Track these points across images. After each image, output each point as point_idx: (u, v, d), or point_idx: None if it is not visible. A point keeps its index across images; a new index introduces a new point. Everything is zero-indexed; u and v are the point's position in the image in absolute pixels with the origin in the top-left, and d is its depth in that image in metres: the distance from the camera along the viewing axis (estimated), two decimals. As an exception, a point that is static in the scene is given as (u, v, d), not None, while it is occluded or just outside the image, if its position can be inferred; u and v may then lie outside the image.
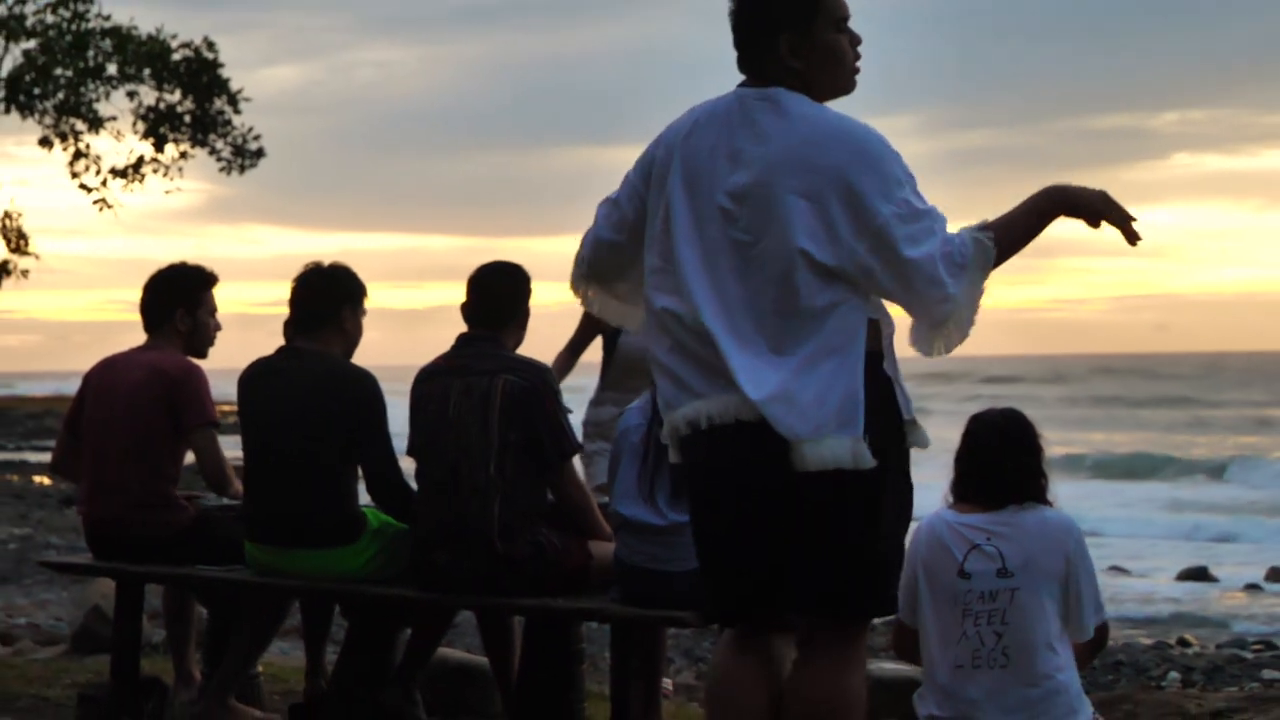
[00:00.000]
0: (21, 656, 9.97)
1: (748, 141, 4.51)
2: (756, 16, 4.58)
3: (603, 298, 4.82)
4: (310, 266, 6.96)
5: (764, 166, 4.48)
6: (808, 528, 4.52)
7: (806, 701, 4.48)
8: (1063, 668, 5.70)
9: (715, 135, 4.55)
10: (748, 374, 4.45)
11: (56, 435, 7.80)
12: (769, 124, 4.51)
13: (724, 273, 4.48)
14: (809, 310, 4.46)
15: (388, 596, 6.70)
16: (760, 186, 4.47)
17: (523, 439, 6.38)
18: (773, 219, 4.46)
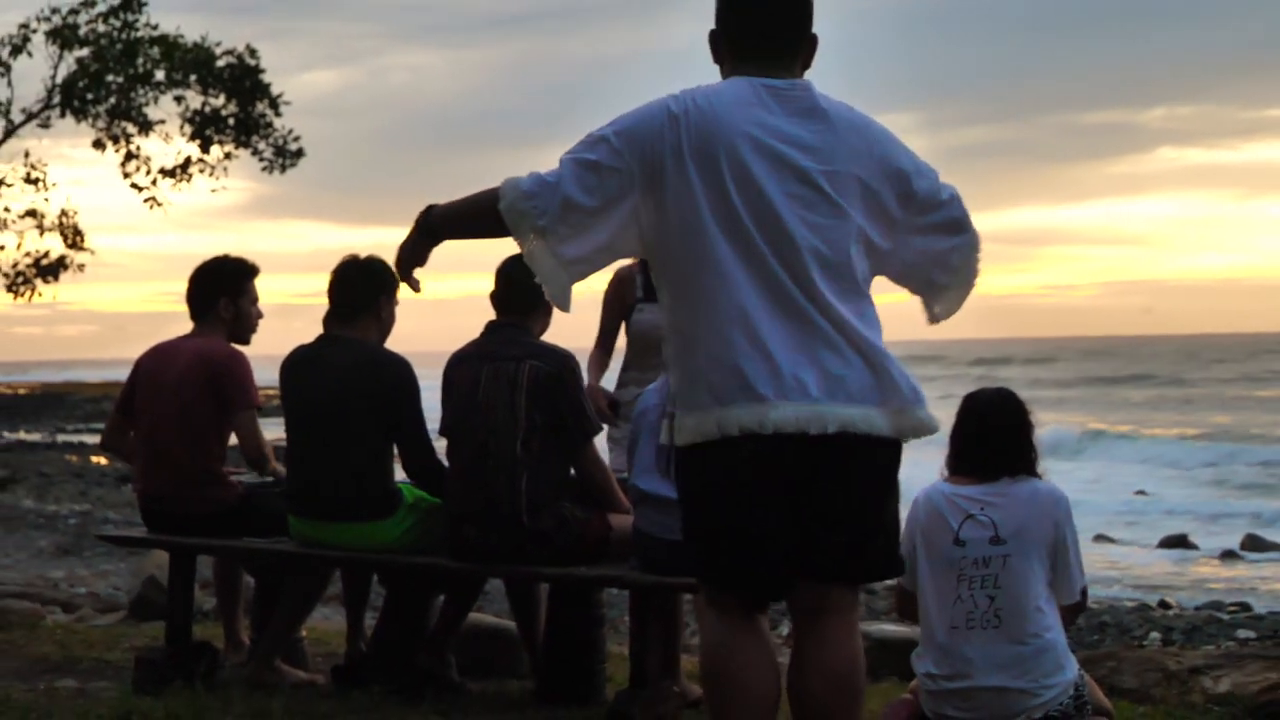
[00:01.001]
0: (83, 623, 10.00)
1: (803, 129, 4.35)
2: (800, 11, 4.47)
3: (544, 253, 4.34)
4: (348, 259, 6.97)
5: (828, 153, 4.35)
6: (842, 495, 4.36)
7: (831, 669, 4.34)
8: (1051, 627, 5.72)
9: (757, 121, 4.33)
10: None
11: (109, 417, 7.82)
12: (822, 117, 4.38)
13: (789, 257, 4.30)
14: (862, 290, 4.41)
15: (423, 566, 6.73)
16: (830, 172, 4.34)
17: (547, 420, 6.40)
18: (844, 199, 4.36)
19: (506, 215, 4.31)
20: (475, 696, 6.79)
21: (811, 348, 4.26)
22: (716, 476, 4.33)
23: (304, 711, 6.26)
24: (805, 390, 4.23)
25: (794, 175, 4.31)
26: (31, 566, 17.56)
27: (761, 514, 4.30)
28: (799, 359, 4.25)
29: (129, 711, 6.19)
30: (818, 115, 4.38)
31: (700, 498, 4.41)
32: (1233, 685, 7.24)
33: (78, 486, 29.16)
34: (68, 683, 7.05)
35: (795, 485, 4.30)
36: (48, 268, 33.21)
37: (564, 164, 4.31)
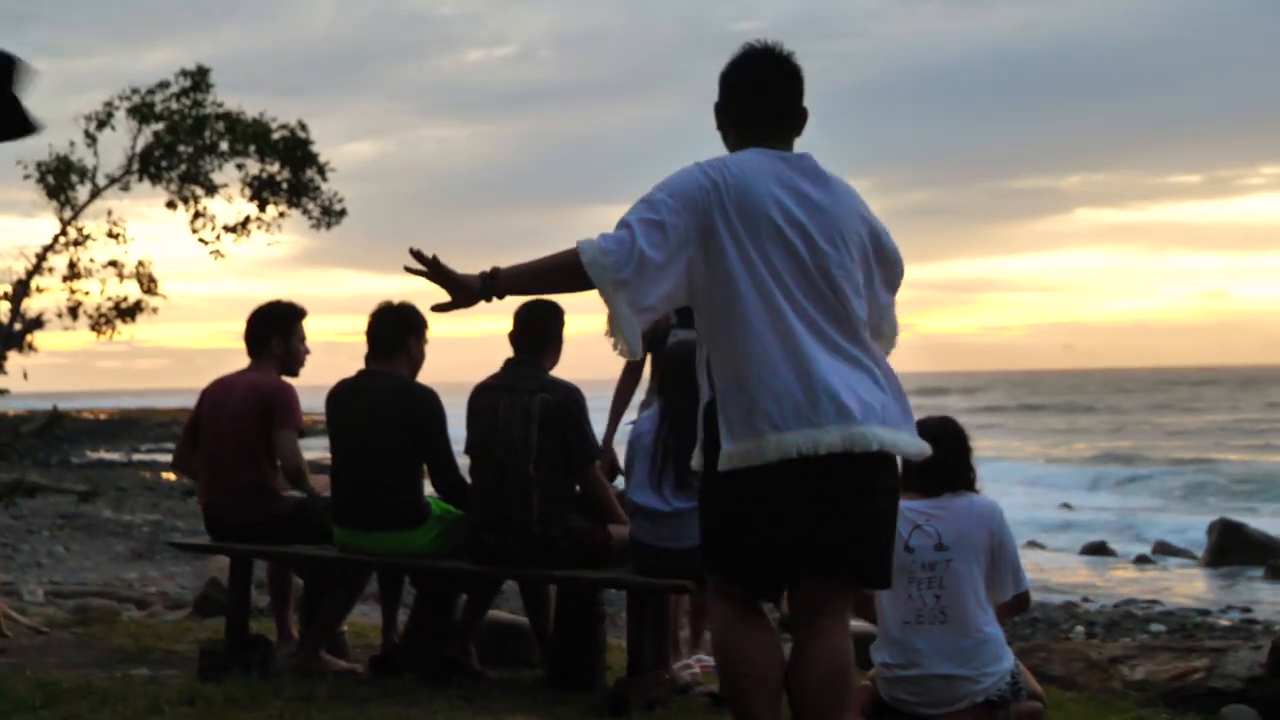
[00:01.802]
0: (154, 618, 9.95)
1: (816, 192, 4.33)
2: (798, 91, 4.43)
3: (622, 303, 4.19)
4: (383, 304, 6.95)
5: (835, 214, 4.34)
6: (856, 503, 4.29)
7: (826, 661, 4.27)
8: (990, 623, 5.70)
9: (783, 185, 4.30)
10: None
11: (178, 441, 7.80)
12: (826, 182, 4.36)
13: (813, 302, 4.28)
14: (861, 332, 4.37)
15: (448, 569, 6.70)
16: (840, 230, 4.32)
17: (555, 445, 6.38)
18: (854, 253, 4.35)
19: (590, 270, 4.17)
20: (494, 683, 6.76)
21: (851, 378, 4.23)
22: (757, 494, 4.25)
23: (345, 696, 6.22)
24: (850, 415, 4.19)
25: (818, 232, 4.28)
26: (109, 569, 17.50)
27: (791, 523, 4.25)
28: (843, 386, 4.21)
29: (194, 696, 6.14)
30: (822, 180, 4.35)
31: (736, 515, 4.33)
32: (1147, 673, 7.21)
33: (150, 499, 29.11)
34: (141, 671, 7.01)
35: (825, 498, 4.25)
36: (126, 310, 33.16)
37: (633, 225, 4.21)
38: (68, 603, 11.85)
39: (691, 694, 6.53)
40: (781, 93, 4.41)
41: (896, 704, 5.69)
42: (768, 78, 4.41)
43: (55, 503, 26.86)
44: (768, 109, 4.42)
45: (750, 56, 4.43)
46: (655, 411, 6.39)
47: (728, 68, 4.47)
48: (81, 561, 18.33)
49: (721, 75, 4.48)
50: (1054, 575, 17.92)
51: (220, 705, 5.99)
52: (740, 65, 4.44)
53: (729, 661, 4.36)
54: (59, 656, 7.40)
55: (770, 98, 4.41)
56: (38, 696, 6.12)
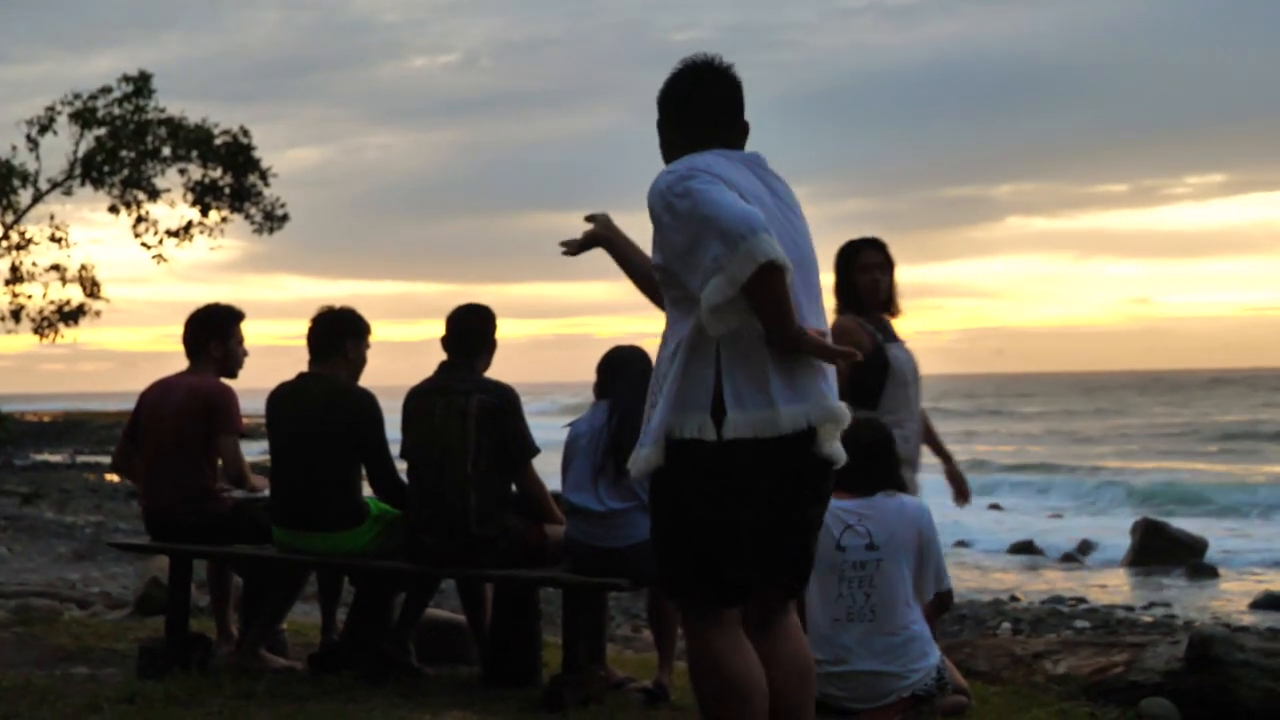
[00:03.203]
0: (96, 617, 9.86)
1: (784, 190, 4.28)
2: (738, 103, 4.34)
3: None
4: (323, 309, 6.93)
5: (797, 206, 4.30)
6: (817, 511, 4.23)
7: (796, 662, 4.18)
8: (917, 620, 5.75)
9: (760, 184, 4.21)
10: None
11: (118, 443, 7.74)
12: (781, 180, 4.31)
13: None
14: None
15: (386, 568, 6.68)
16: (802, 220, 4.28)
17: (492, 444, 6.38)
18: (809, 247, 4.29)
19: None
20: (432, 680, 6.74)
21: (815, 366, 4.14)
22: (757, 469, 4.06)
23: (284, 693, 6.20)
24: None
25: (798, 222, 4.27)
26: (52, 569, 17.33)
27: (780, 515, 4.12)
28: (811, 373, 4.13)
29: (134, 694, 6.10)
30: (779, 178, 4.31)
31: (739, 491, 4.06)
32: (1069, 668, 7.27)
33: (93, 501, 28.83)
34: (81, 669, 6.96)
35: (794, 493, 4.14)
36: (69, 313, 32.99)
37: (760, 224, 3.98)
38: (9, 603, 11.72)
39: (625, 690, 6.54)
40: (724, 104, 4.35)
41: (825, 699, 5.72)
42: (709, 90, 4.33)
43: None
44: (713, 119, 4.33)
45: (692, 69, 4.36)
46: (593, 412, 6.39)
47: (668, 83, 4.38)
48: (24, 562, 18.15)
49: (661, 92, 4.38)
50: (982, 574, 18.03)
51: (160, 703, 5.96)
52: (682, 79, 4.36)
53: (726, 679, 4.06)
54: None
55: (714, 109, 4.34)
56: (-23, 695, 6.07)
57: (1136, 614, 14.32)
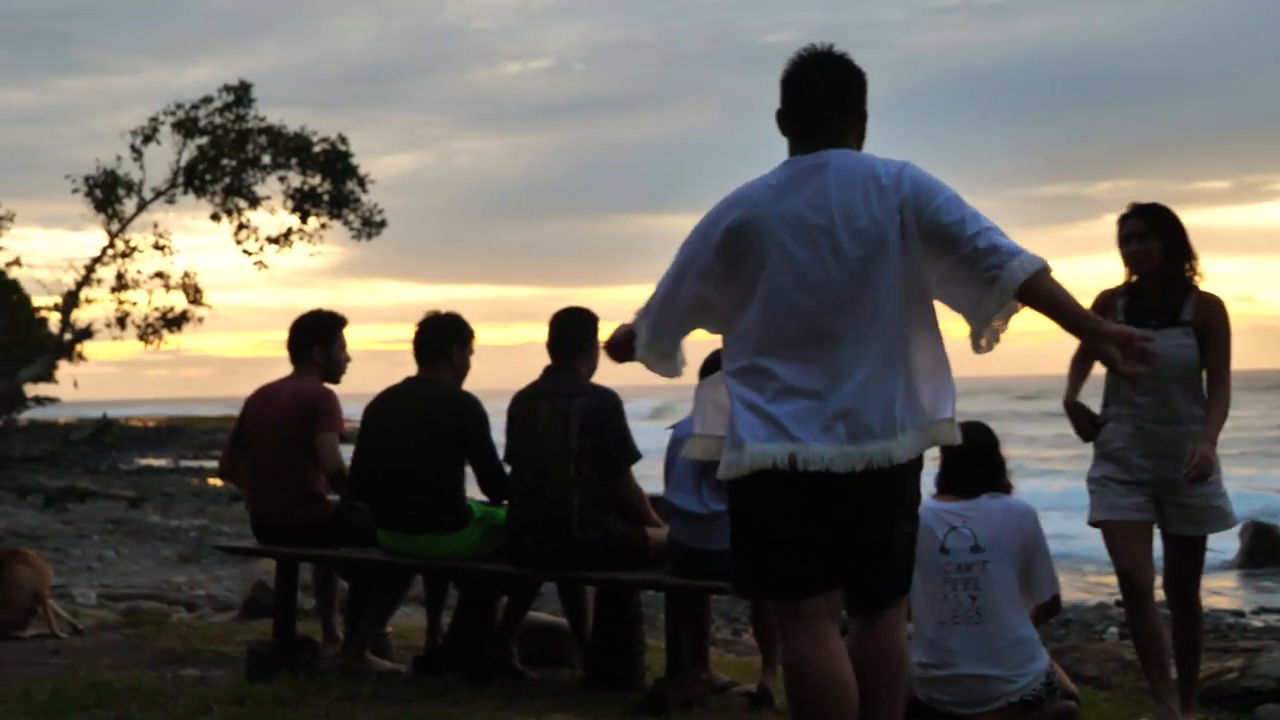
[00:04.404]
0: (203, 620, 9.99)
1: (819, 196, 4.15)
2: (836, 95, 4.24)
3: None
4: (429, 314, 6.98)
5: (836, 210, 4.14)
6: (891, 513, 4.15)
7: (880, 659, 4.14)
8: (1024, 624, 5.69)
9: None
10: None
11: (224, 448, 7.83)
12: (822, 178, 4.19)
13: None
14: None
15: (489, 571, 6.71)
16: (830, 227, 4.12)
17: (594, 447, 6.40)
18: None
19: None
20: (534, 682, 6.76)
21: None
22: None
23: (389, 695, 6.24)
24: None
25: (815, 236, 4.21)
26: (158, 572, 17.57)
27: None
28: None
29: (243, 696, 6.17)
30: (818, 177, 4.19)
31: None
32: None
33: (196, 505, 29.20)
34: (190, 671, 7.04)
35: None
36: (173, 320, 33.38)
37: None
38: (119, 605, 11.90)
39: (729, 694, 6.52)
40: (814, 97, 4.24)
41: (932, 704, 5.69)
42: (801, 83, 4.25)
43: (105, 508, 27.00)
44: (794, 115, 4.26)
45: (792, 62, 4.30)
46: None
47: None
48: (131, 565, 18.42)
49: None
50: (1085, 578, 17.82)
51: (269, 705, 6.02)
52: (785, 71, 4.30)
53: (813, 680, 4.05)
54: (111, 657, 7.44)
55: (796, 104, 4.26)
56: (90, 696, 6.16)
57: (1247, 619, 14.10)
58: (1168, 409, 5.76)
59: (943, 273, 4.07)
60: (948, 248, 4.01)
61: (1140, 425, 5.77)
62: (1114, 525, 5.75)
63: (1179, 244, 5.87)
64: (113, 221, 32.45)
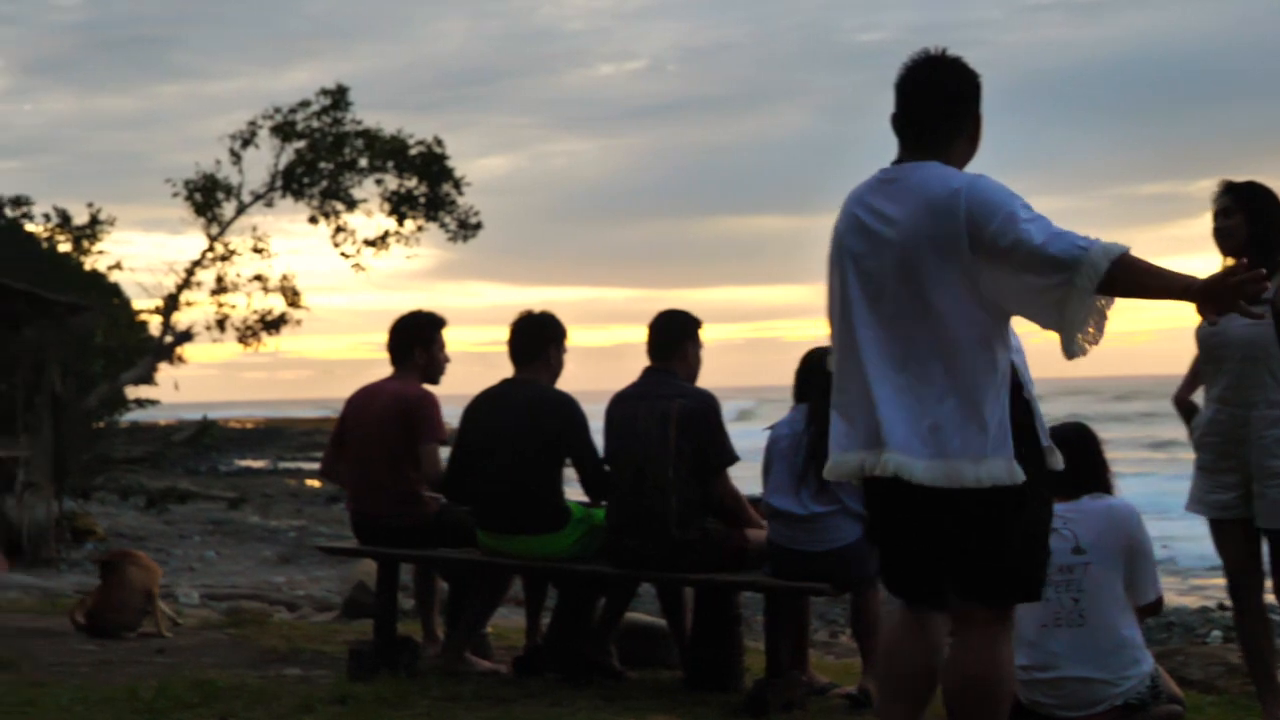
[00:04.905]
0: (304, 620, 10.11)
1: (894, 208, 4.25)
2: (932, 101, 4.28)
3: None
4: (523, 314, 7.01)
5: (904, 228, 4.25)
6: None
7: (963, 672, 4.23)
8: (1129, 626, 5.62)
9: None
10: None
11: (324, 448, 7.91)
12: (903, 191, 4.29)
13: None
14: None
15: (588, 572, 6.74)
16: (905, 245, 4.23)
17: (692, 449, 6.41)
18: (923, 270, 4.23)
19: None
20: (634, 683, 6.78)
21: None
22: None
23: (490, 695, 6.28)
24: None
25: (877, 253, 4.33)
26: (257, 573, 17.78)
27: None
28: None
29: (345, 695, 6.23)
30: (900, 190, 4.27)
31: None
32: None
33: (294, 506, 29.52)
34: (293, 670, 7.12)
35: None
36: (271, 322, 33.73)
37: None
38: (221, 605, 12.08)
39: (829, 695, 6.51)
40: (910, 104, 4.30)
41: (1034, 707, 5.63)
42: (907, 88, 4.31)
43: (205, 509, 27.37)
44: (901, 119, 4.32)
45: (903, 66, 4.33)
46: (792, 415, 6.38)
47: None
48: (231, 565, 18.66)
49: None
50: (1186, 580, 17.61)
51: (370, 704, 6.08)
52: (897, 75, 4.34)
53: (882, 652, 4.45)
54: (214, 656, 7.54)
55: (903, 108, 4.31)
56: (195, 695, 6.25)
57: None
58: (1241, 391, 5.69)
59: (1015, 294, 4.06)
60: (1011, 269, 4.01)
61: (1219, 409, 5.73)
62: (1212, 524, 5.76)
63: (1264, 219, 5.71)
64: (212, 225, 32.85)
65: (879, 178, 4.29)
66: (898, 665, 4.35)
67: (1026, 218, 4.01)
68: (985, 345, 4.13)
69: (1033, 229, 3.98)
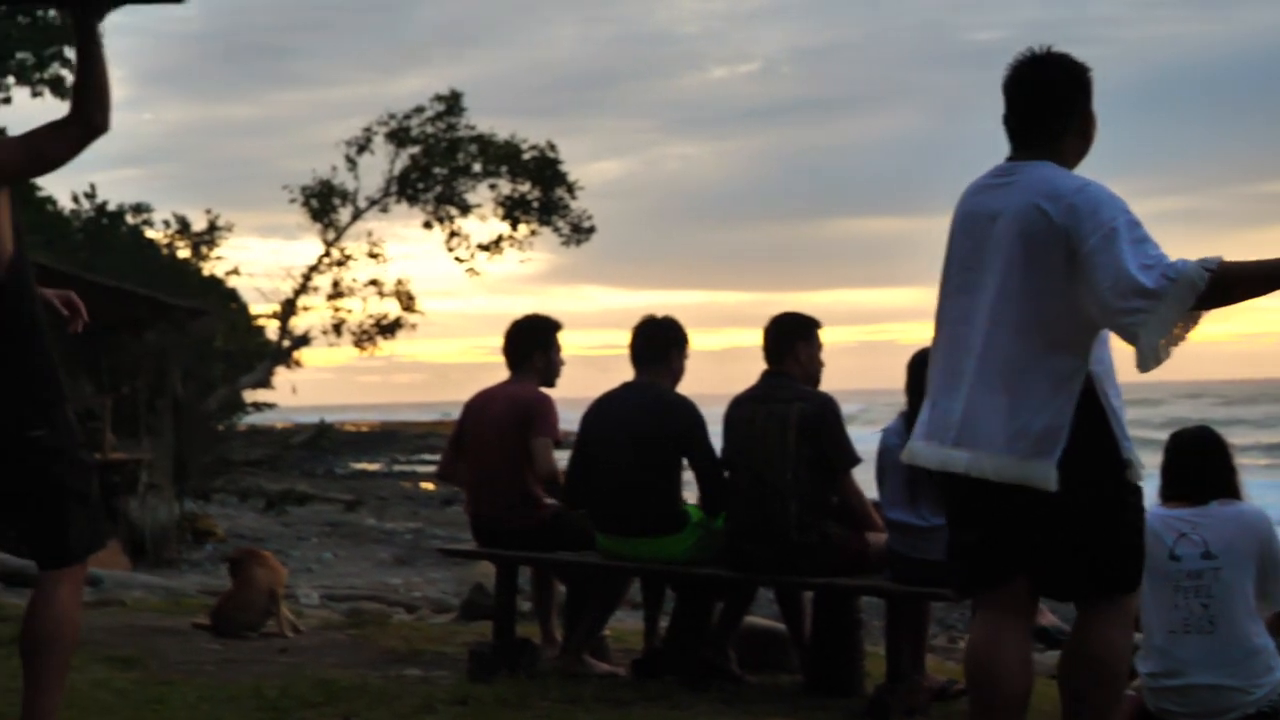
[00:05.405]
0: (423, 621, 10.19)
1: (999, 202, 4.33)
2: (1038, 99, 4.33)
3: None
4: (647, 318, 7.02)
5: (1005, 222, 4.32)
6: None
7: (1084, 654, 4.34)
8: (1260, 633, 5.53)
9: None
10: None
11: (443, 450, 7.96)
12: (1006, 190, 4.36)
13: None
14: None
15: (707, 576, 6.74)
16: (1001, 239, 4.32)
17: (812, 452, 6.39)
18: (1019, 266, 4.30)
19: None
20: (752, 687, 6.76)
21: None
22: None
23: (609, 698, 6.29)
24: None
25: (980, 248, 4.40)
26: (374, 574, 17.98)
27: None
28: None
29: (465, 696, 6.28)
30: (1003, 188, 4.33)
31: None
32: None
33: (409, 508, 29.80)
34: (413, 671, 7.17)
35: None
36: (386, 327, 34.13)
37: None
38: (340, 606, 12.20)
39: (950, 692, 6.46)
40: (1017, 103, 4.35)
41: (1163, 714, 5.56)
42: (1015, 87, 4.35)
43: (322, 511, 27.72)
44: (1009, 119, 4.37)
45: (1010, 66, 4.37)
46: (901, 422, 6.33)
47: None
48: (348, 567, 18.88)
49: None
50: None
51: (490, 705, 6.12)
52: (1004, 75, 4.39)
53: (973, 662, 4.34)
54: (336, 656, 7.62)
55: (1009, 108, 4.36)
56: (318, 694, 6.32)
57: None
58: None
59: (1100, 308, 4.06)
60: (1099, 284, 4.01)
61: None
62: None
63: None
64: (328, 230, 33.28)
65: (991, 175, 4.35)
66: (991, 674, 4.26)
67: (1128, 238, 4.02)
68: (1056, 350, 4.16)
69: (1129, 253, 3.99)
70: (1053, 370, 4.15)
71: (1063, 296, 4.11)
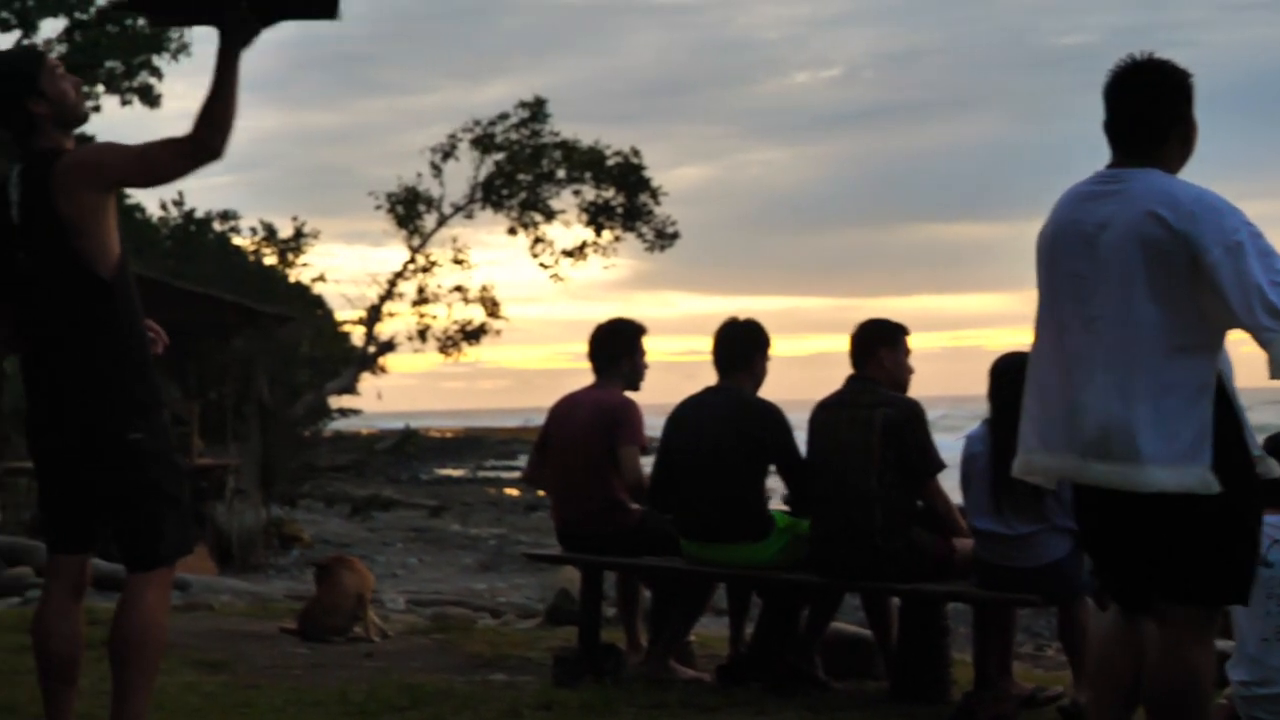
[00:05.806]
0: (508, 626, 10.23)
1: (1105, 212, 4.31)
2: (1137, 104, 4.34)
3: None
4: (729, 321, 7.00)
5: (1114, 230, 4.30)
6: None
7: (1154, 673, 4.29)
8: (1357, 643, 5.44)
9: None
10: None
11: (529, 456, 7.99)
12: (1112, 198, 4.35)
13: None
14: None
15: (792, 581, 6.72)
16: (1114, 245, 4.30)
17: (896, 457, 6.36)
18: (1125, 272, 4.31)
19: None
20: (838, 694, 6.74)
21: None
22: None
23: (695, 704, 6.29)
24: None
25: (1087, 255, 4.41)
26: (459, 579, 18.08)
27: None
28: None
29: (551, 701, 6.29)
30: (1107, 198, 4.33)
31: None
32: None
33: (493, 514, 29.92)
34: (498, 676, 7.20)
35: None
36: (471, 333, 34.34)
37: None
38: (426, 611, 12.28)
39: (1038, 699, 6.41)
40: (1118, 110, 4.34)
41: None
42: (1114, 94, 4.35)
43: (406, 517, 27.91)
44: (1110, 125, 4.36)
45: (1110, 73, 4.38)
46: (984, 430, 6.28)
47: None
48: (433, 572, 18.99)
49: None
50: None
51: (575, 710, 6.13)
52: (1105, 81, 4.39)
53: (1093, 662, 4.54)
54: (421, 661, 7.67)
55: (1111, 114, 4.36)
56: (404, 698, 6.37)
57: None
58: None
59: (1227, 319, 4.09)
60: (1227, 298, 4.03)
61: None
62: None
63: None
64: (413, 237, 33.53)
65: (1094, 182, 4.32)
66: (1109, 671, 4.40)
67: (1254, 250, 4.03)
68: (1191, 354, 4.15)
69: (1258, 267, 4.02)
70: (1192, 375, 4.14)
71: (1191, 301, 4.11)
